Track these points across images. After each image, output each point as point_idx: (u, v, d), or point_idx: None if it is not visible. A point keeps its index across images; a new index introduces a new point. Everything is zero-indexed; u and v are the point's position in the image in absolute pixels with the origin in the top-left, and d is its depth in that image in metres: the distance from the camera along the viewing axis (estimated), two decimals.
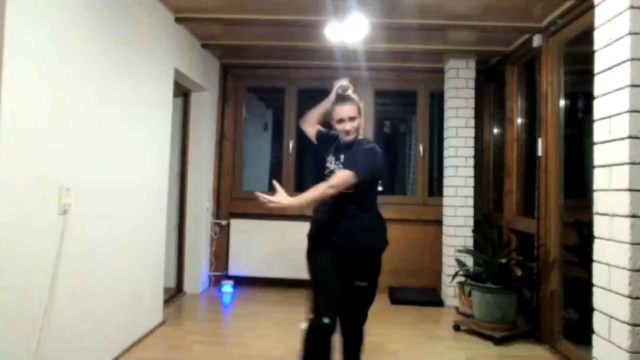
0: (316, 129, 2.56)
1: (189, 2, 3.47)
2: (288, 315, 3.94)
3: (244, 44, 4.41)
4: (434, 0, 3.28)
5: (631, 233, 1.96)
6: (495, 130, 4.91)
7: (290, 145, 5.09)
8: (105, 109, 2.71)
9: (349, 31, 3.50)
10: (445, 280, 4.41)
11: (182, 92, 4.47)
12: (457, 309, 4.24)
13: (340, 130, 2.36)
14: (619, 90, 2.06)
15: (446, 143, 4.55)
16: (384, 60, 4.69)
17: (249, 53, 4.73)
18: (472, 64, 4.49)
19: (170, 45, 3.65)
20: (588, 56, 2.35)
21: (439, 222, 4.69)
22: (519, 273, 3.48)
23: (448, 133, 4.52)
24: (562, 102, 3.44)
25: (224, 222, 4.98)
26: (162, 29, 3.51)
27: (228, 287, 4.74)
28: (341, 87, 2.40)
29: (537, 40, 3.61)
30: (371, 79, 5.01)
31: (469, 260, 4.06)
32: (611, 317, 2.05)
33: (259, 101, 6.10)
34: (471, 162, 4.47)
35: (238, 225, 4.98)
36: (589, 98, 2.34)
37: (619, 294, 2.00)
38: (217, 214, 5.00)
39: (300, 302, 3.37)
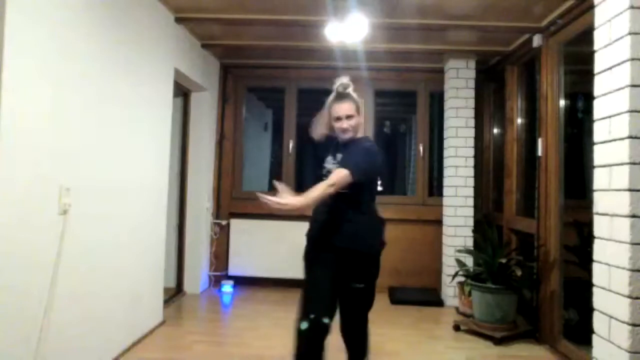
0: (324, 134, 2.52)
1: (189, 2, 3.47)
2: (288, 315, 3.88)
3: (244, 44, 4.41)
4: (434, 0, 3.28)
5: (631, 233, 1.96)
6: (495, 130, 4.91)
7: (290, 145, 5.08)
8: (105, 109, 2.71)
9: (349, 31, 3.50)
10: (445, 280, 4.41)
11: (182, 92, 4.47)
12: (457, 309, 4.24)
13: (338, 128, 2.33)
14: (619, 90, 2.06)
15: (446, 143, 4.55)
16: (384, 60, 4.69)
17: (249, 53, 4.73)
18: (472, 64, 4.49)
19: (170, 45, 3.65)
20: (588, 56, 2.35)
21: (439, 222, 4.69)
22: (519, 273, 3.48)
23: (448, 133, 4.52)
24: (562, 102, 3.44)
25: (224, 222, 4.98)
26: (162, 29, 3.51)
27: (228, 287, 4.74)
28: (342, 85, 2.37)
29: (537, 40, 3.61)
30: (371, 79, 5.01)
31: (469, 260, 4.06)
32: (611, 317, 2.05)
33: (259, 101, 6.10)
34: (471, 162, 4.47)
35: (238, 225, 4.98)
36: (589, 98, 2.34)
37: (619, 294, 2.00)
38: (217, 214, 5.00)
39: None
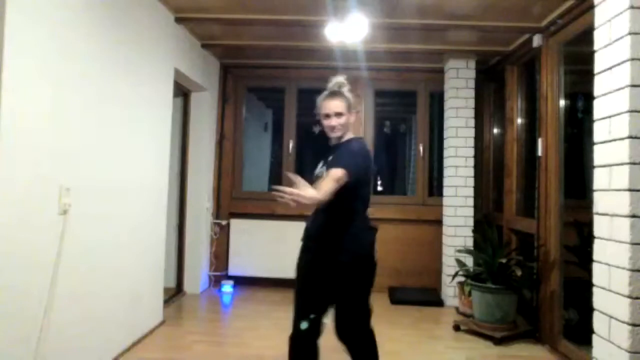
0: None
1: (189, 2, 3.47)
2: (288, 315, 3.87)
3: (244, 44, 4.41)
4: (434, 0, 3.28)
5: (631, 233, 1.96)
6: (495, 130, 4.91)
7: (290, 145, 5.08)
8: (105, 109, 2.71)
9: (349, 31, 3.50)
10: (445, 280, 4.41)
11: (182, 92, 4.47)
12: (457, 309, 4.24)
13: (326, 126, 2.26)
14: (619, 90, 2.06)
15: (446, 143, 4.55)
16: (384, 60, 4.69)
17: (249, 53, 4.73)
18: (472, 64, 4.49)
19: (170, 45, 3.65)
20: (588, 56, 2.35)
21: (439, 222, 4.69)
22: (519, 273, 3.48)
23: (448, 133, 4.52)
24: (562, 102, 3.44)
25: (224, 222, 4.98)
26: (162, 29, 3.51)
27: (228, 287, 4.74)
28: (337, 84, 2.31)
29: (537, 40, 3.61)
30: (371, 79, 5.02)
31: (469, 260, 4.06)
32: (611, 317, 2.05)
33: (259, 101, 6.10)
34: (471, 162, 4.47)
35: (238, 225, 4.98)
36: (589, 98, 2.34)
37: (619, 294, 2.00)
38: (217, 214, 5.00)
39: None
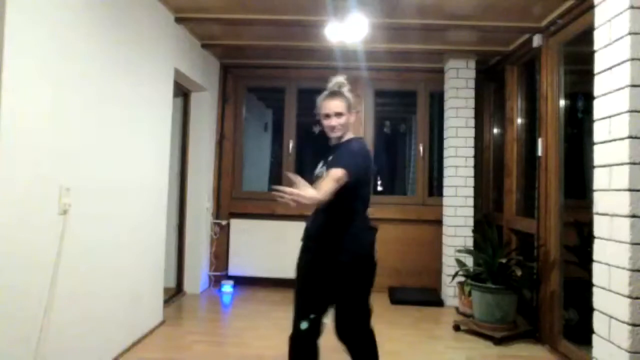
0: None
1: (189, 2, 3.47)
2: (288, 315, 3.88)
3: (244, 44, 4.41)
4: (434, 0, 3.28)
5: (631, 233, 1.96)
6: (495, 130, 4.91)
7: (290, 145, 5.08)
8: (105, 109, 2.71)
9: (349, 31, 3.50)
10: (445, 280, 4.41)
11: (182, 92, 4.47)
12: (457, 309, 4.24)
13: (326, 126, 2.26)
14: (619, 90, 2.06)
15: (446, 143, 4.55)
16: (384, 60, 4.69)
17: (249, 53, 4.73)
18: (472, 64, 4.49)
19: (170, 45, 3.65)
20: (588, 56, 2.35)
21: (439, 222, 4.69)
22: (519, 273, 3.48)
23: (448, 133, 4.52)
24: (562, 102, 3.44)
25: (224, 222, 4.98)
26: (162, 29, 3.51)
27: (228, 287, 4.74)
28: (337, 84, 2.30)
29: (537, 40, 3.61)
30: (371, 79, 5.01)
31: (469, 260, 4.06)
32: (611, 317, 2.05)
33: (259, 101, 6.10)
34: (471, 162, 4.47)
35: (238, 225, 4.98)
36: (589, 98, 2.34)
37: (619, 294, 2.00)
38: (217, 214, 5.00)
39: None
